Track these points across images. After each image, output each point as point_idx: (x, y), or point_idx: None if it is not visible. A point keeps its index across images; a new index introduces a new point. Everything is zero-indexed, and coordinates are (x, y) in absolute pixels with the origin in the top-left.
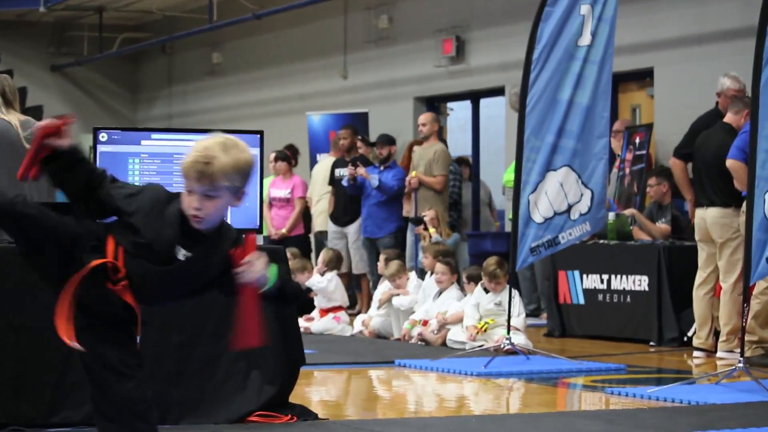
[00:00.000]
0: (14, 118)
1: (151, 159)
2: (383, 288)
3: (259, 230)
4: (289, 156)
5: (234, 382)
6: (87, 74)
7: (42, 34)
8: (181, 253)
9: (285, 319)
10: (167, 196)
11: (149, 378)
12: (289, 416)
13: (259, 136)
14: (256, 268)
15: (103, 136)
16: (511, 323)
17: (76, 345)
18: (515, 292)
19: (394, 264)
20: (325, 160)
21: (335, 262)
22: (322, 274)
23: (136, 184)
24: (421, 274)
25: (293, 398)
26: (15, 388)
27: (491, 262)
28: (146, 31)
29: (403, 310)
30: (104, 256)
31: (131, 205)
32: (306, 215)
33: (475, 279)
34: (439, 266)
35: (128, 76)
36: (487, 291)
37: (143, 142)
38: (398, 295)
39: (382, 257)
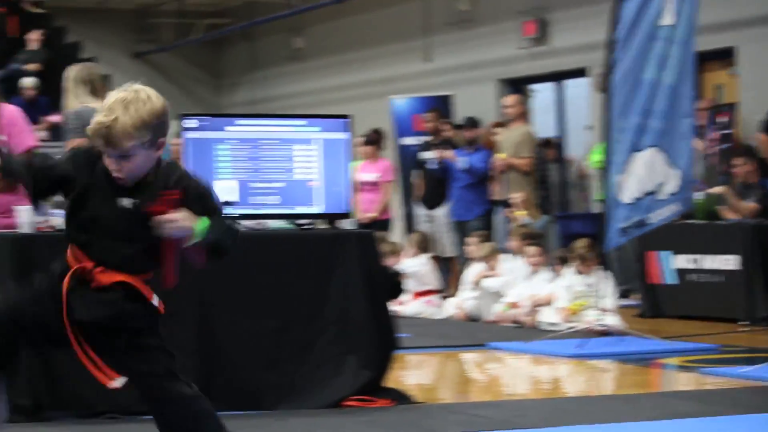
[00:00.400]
0: (101, 106)
1: (240, 145)
2: (474, 270)
3: (350, 214)
4: (376, 140)
5: (329, 366)
6: (169, 60)
7: (124, 21)
8: (126, 202)
9: (379, 304)
10: (96, 153)
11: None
12: (386, 400)
13: (347, 120)
14: (174, 224)
15: (189, 123)
16: (602, 304)
17: (116, 384)
18: (606, 274)
19: (488, 245)
20: None
21: (425, 245)
22: (414, 258)
23: (217, 170)
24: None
25: (388, 382)
26: None
27: (580, 244)
28: (228, 16)
29: (494, 292)
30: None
31: (70, 168)
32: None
33: (565, 261)
34: (531, 249)
35: (211, 61)
36: (579, 272)
37: (228, 128)
38: (490, 276)
39: (472, 240)
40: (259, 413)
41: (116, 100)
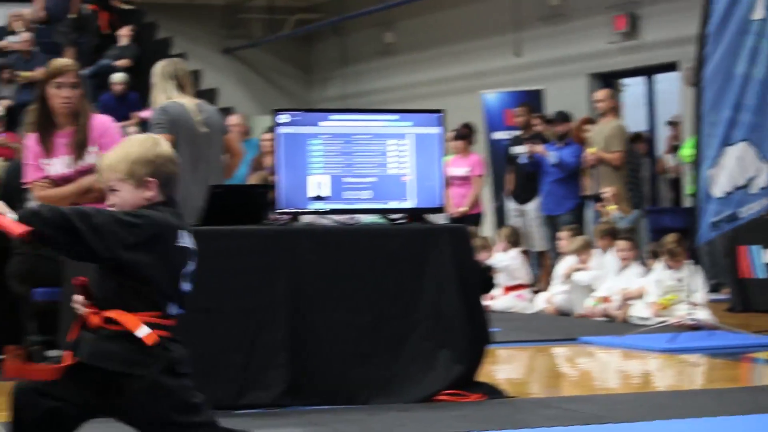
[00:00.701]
0: (188, 101)
1: (332, 140)
2: (565, 264)
3: (443, 209)
4: (466, 134)
5: (422, 361)
6: (260, 56)
7: (214, 17)
8: None
9: (471, 299)
10: None
11: None
12: (478, 395)
13: (440, 115)
14: None
15: (282, 118)
16: (693, 299)
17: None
18: (696, 268)
19: (580, 239)
20: None
21: (515, 239)
22: (505, 252)
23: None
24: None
25: (479, 377)
26: (204, 370)
27: (670, 239)
28: (318, 12)
29: (584, 286)
30: None
31: None
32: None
33: (656, 255)
34: (622, 243)
35: (301, 57)
36: (669, 267)
37: (321, 123)
38: (581, 270)
39: (563, 234)
40: (351, 408)
41: None
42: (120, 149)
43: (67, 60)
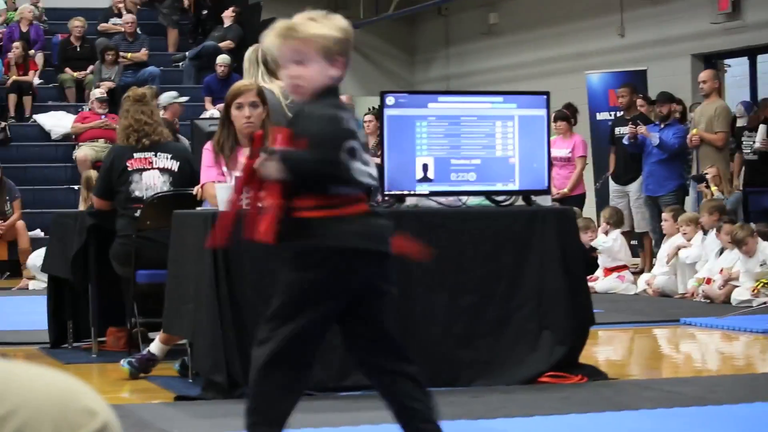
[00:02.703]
0: (276, 86)
1: (438, 121)
2: (667, 246)
3: (548, 191)
4: (568, 115)
5: (525, 342)
6: (363, 37)
7: None
8: None
9: (575, 280)
10: None
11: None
12: (580, 376)
13: (545, 96)
14: None
15: (390, 100)
16: None
17: None
18: None
19: (683, 218)
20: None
21: (617, 220)
22: (606, 234)
23: (417, 147)
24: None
25: (581, 358)
26: None
27: (735, 228)
28: None
29: (686, 266)
30: None
31: None
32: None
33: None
34: (725, 225)
35: (405, 38)
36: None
37: (430, 105)
38: (684, 248)
39: (665, 215)
40: (455, 389)
41: None
42: (317, 25)
43: (246, 82)
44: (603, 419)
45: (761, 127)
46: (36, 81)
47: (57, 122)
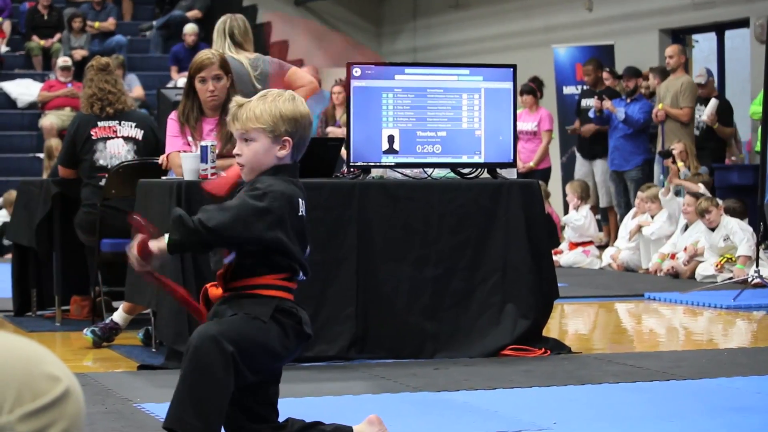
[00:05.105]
0: (244, 57)
1: (405, 93)
2: (632, 221)
3: (514, 164)
4: (534, 89)
5: (489, 315)
6: (331, 8)
7: None
8: None
9: (540, 254)
10: None
11: None
12: (543, 350)
13: (511, 69)
14: None
15: (356, 71)
16: (758, 256)
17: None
18: (761, 226)
19: (646, 194)
20: None
21: (584, 194)
22: (577, 210)
23: (383, 119)
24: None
25: (545, 332)
26: None
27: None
28: None
29: (650, 242)
30: None
31: None
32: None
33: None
34: (688, 198)
35: (372, 9)
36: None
37: (397, 77)
38: (647, 225)
39: (640, 193)
40: (418, 361)
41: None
42: (267, 101)
43: (207, 52)
44: (565, 393)
45: (712, 101)
46: (3, 49)
47: (24, 90)
